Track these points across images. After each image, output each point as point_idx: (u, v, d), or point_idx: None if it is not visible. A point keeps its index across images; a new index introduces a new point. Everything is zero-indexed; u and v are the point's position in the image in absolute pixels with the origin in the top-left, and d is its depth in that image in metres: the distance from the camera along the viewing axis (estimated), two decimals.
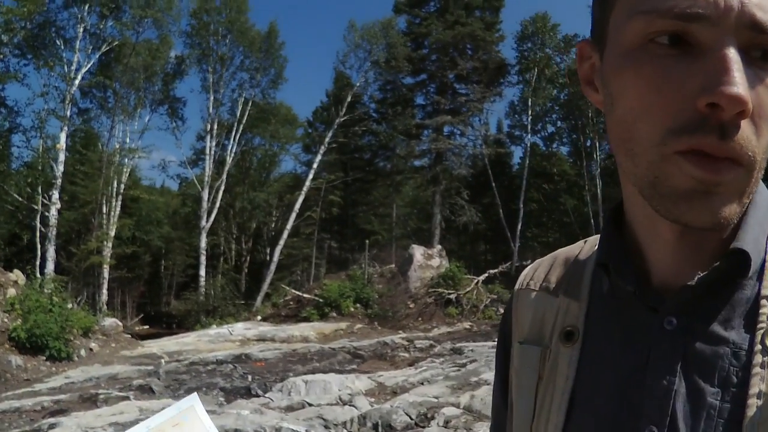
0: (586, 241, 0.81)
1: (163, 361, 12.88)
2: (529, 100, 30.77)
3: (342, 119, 30.64)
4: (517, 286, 0.83)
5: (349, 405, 8.17)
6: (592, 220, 28.36)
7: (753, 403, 0.55)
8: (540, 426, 0.70)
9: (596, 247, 0.74)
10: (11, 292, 12.74)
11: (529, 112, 31.19)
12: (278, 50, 32.43)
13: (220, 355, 13.07)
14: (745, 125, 0.51)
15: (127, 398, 9.06)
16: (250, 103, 31.79)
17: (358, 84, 31.50)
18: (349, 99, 30.61)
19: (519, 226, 29.56)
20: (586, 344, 0.69)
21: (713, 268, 0.58)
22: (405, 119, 31.52)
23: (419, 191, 35.27)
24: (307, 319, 19.29)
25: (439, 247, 23.76)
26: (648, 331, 0.62)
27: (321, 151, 30.91)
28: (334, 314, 19.58)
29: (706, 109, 0.50)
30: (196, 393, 0.95)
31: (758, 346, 0.57)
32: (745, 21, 0.50)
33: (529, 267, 0.85)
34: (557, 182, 32.87)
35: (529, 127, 31.78)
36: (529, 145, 32.18)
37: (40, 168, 23.96)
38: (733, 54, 0.50)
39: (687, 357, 0.59)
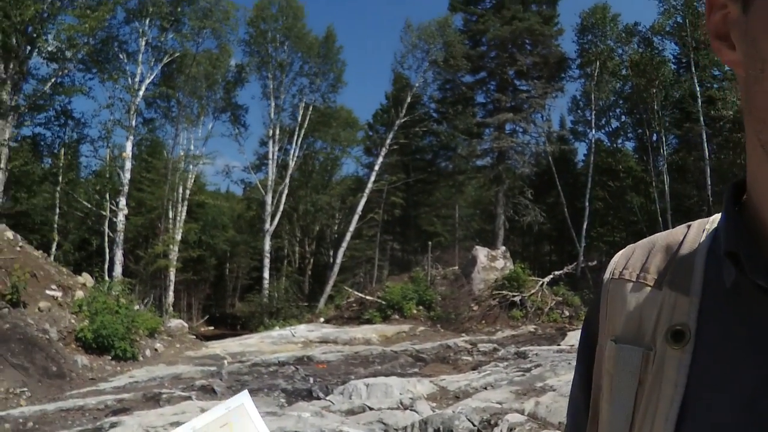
0: (689, 226, 0.68)
1: (225, 362, 13.00)
2: (592, 94, 29.88)
3: (402, 120, 30.52)
4: (607, 275, 0.71)
5: (411, 410, 7.95)
6: (660, 218, 27.34)
7: None
8: None
9: (705, 231, 0.64)
10: (79, 294, 13.04)
11: (592, 106, 30.28)
12: (336, 54, 32.67)
13: (282, 357, 13.10)
14: None
15: (189, 398, 9.10)
16: (310, 108, 32.06)
17: (417, 84, 31.33)
18: (408, 100, 30.47)
19: (584, 226, 28.73)
20: (699, 346, 0.58)
21: None
22: (466, 118, 31.10)
23: (482, 191, 34.77)
24: (369, 321, 19.26)
25: (503, 248, 23.34)
26: None
27: (382, 153, 30.87)
28: (397, 316, 19.47)
29: None
30: (246, 390, 0.84)
31: None
32: None
33: (620, 254, 0.72)
34: (623, 179, 31.81)
35: (593, 122, 30.84)
36: (593, 141, 31.21)
37: (107, 176, 24.90)
38: None
39: None
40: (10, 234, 13.12)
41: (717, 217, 0.64)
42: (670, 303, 0.62)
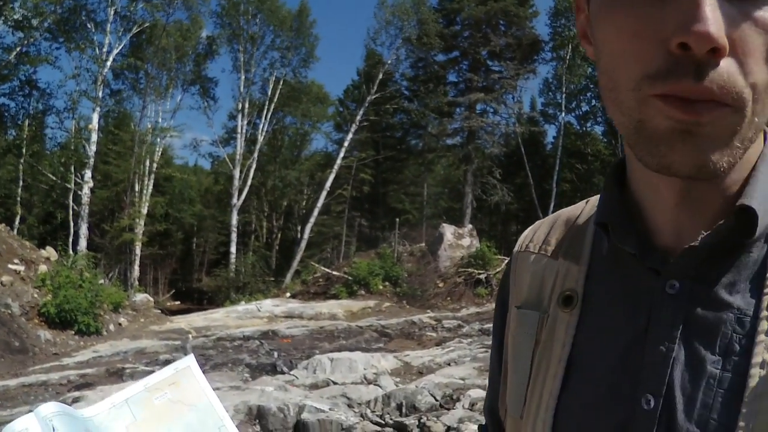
0: (587, 202, 0.77)
1: (190, 336, 12.98)
2: (564, 77, 30.12)
3: (373, 97, 30.41)
4: (516, 248, 0.80)
5: (374, 384, 8.09)
6: None
7: (756, 373, 0.53)
8: (535, 391, 0.68)
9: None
10: (42, 268, 12.90)
11: (563, 90, 30.56)
12: (309, 29, 32.38)
13: (248, 332, 13.13)
14: (726, 63, 0.48)
15: (152, 372, 9.08)
16: (281, 82, 31.76)
17: (389, 61, 31.19)
18: (380, 77, 30.33)
19: (551, 207, 29.09)
20: (585, 309, 0.66)
21: (717, 227, 0.55)
22: (437, 97, 31.13)
23: (451, 170, 34.95)
24: (335, 297, 19.30)
25: (470, 226, 23.54)
26: (649, 295, 0.59)
27: (352, 130, 30.77)
28: (363, 292, 19.55)
29: (678, 51, 0.47)
30: (192, 354, 0.91)
31: (764, 312, 0.54)
32: None
33: (529, 228, 0.81)
34: (591, 162, 32.27)
35: (563, 105, 31.15)
36: (563, 123, 31.57)
37: (73, 148, 24.43)
38: None
39: (688, 323, 0.56)
40: None
41: None
42: (563, 271, 0.70)
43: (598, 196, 0.71)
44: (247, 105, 31.41)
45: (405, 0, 29.93)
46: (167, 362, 8.88)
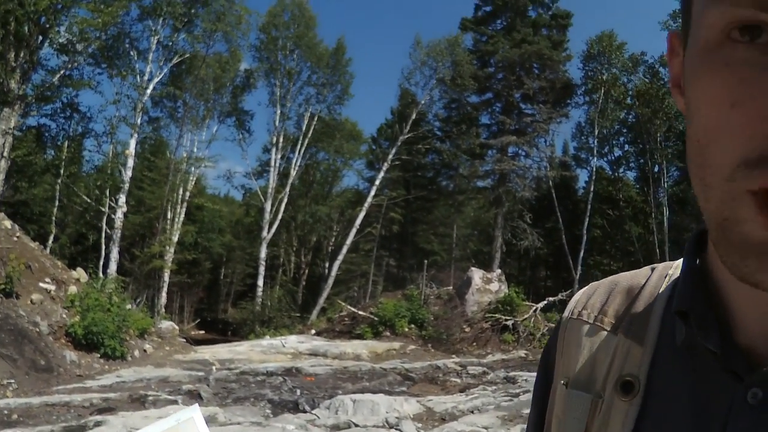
0: (653, 269, 0.66)
1: (214, 368, 12.94)
2: (596, 121, 30.01)
3: (406, 136, 30.57)
4: (566, 314, 0.69)
5: (396, 429, 7.92)
6: (658, 250, 27.38)
7: None
8: None
9: (667, 278, 0.62)
10: (72, 289, 13.00)
11: (596, 134, 30.42)
12: (345, 66, 32.77)
13: (271, 367, 13.04)
14: None
15: (175, 402, 9.05)
16: (315, 118, 32.10)
17: (423, 101, 31.42)
18: (413, 116, 30.54)
19: (581, 253, 28.75)
20: (647, 400, 0.56)
21: None
22: (469, 138, 31.22)
23: (481, 212, 34.83)
24: (360, 337, 19.21)
25: (499, 271, 23.30)
26: (726, 401, 0.51)
27: (384, 168, 30.89)
28: (388, 333, 19.41)
29: None
30: (197, 405, 0.88)
31: None
32: None
33: (581, 291, 0.70)
34: (623, 208, 31.89)
35: (596, 150, 30.97)
36: (594, 168, 31.32)
37: (109, 172, 24.88)
38: None
39: None
40: (8, 223, 13.08)
41: (680, 262, 0.62)
42: (624, 351, 0.60)
43: (667, 264, 0.63)
44: (281, 139, 31.78)
45: (440, 41, 30.29)
46: (189, 392, 8.84)
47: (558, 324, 0.71)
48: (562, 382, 0.65)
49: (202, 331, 32.34)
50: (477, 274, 21.51)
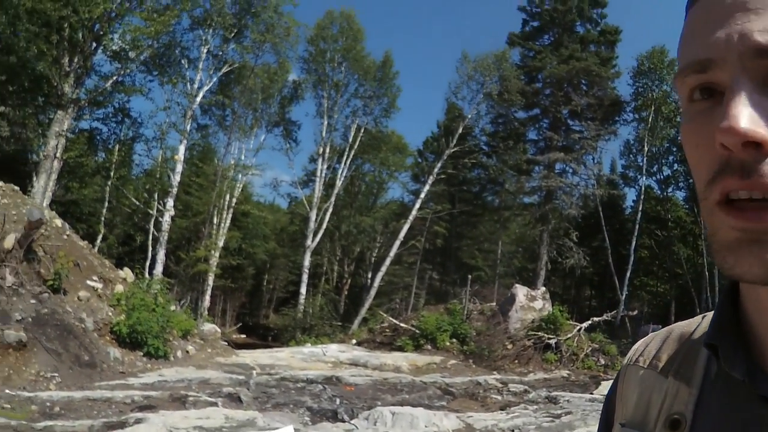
0: (704, 317, 0.72)
1: (254, 372, 12.99)
2: (645, 139, 29.36)
3: (452, 150, 30.42)
4: (626, 361, 0.76)
5: None
6: (707, 273, 26.59)
7: None
8: None
9: None
10: (119, 288, 13.20)
11: (645, 152, 29.74)
12: (392, 79, 32.83)
13: (311, 375, 13.03)
14: None
15: (215, 404, 9.07)
16: (362, 130, 32.20)
17: (469, 116, 31.20)
18: (460, 130, 30.36)
19: (628, 274, 28.08)
20: None
21: None
22: (516, 154, 30.86)
23: (526, 229, 34.32)
24: (401, 349, 19.11)
25: (543, 288, 22.93)
26: (759, 427, 0.55)
27: (429, 181, 30.78)
28: (429, 347, 19.27)
29: (725, 152, 0.48)
30: (292, 426, 0.75)
31: None
32: (749, 51, 0.48)
33: (641, 341, 0.77)
34: (671, 229, 31.09)
35: (644, 168, 30.25)
36: (643, 187, 30.59)
37: (158, 176, 25.42)
38: (736, 87, 0.48)
39: None
40: (58, 222, 13.38)
41: None
42: (673, 392, 0.65)
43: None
44: (328, 149, 31.96)
45: (488, 56, 30.10)
46: (230, 395, 8.82)
47: (619, 371, 0.76)
48: (620, 423, 0.70)
49: (244, 336, 32.68)
50: (521, 291, 21.23)
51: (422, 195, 30.94)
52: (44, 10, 18.50)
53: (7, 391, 8.03)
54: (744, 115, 0.46)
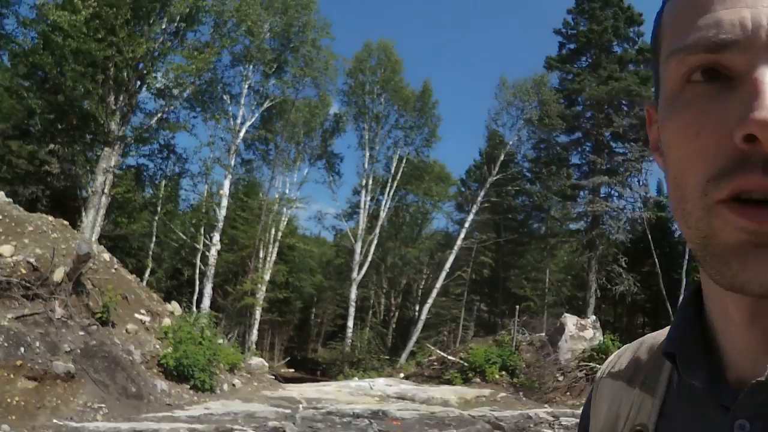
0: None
1: (301, 406, 12.90)
2: None
3: (495, 178, 30.25)
4: (598, 375, 0.75)
5: None
6: None
7: None
8: None
9: None
10: (166, 321, 13.33)
11: None
12: (432, 109, 33.04)
13: (358, 409, 12.87)
14: None
15: None
16: (404, 161, 32.36)
17: (510, 142, 31.09)
18: (501, 157, 30.24)
19: (680, 299, 27.20)
20: None
21: None
22: (560, 179, 30.45)
23: (574, 256, 33.65)
24: (449, 382, 18.87)
25: (593, 317, 22.38)
26: None
27: (473, 210, 30.60)
28: (478, 380, 18.96)
29: (745, 145, 0.43)
30: None
31: None
32: None
33: (615, 353, 0.76)
34: None
35: None
36: None
37: (204, 211, 25.91)
38: (758, 77, 0.43)
39: None
40: (107, 256, 13.64)
41: None
42: (638, 403, 0.64)
43: None
44: (370, 181, 32.16)
45: (526, 81, 30.10)
46: (275, 429, 8.72)
47: (593, 385, 0.75)
48: None
49: (292, 370, 32.61)
50: (570, 321, 20.77)
51: (467, 224, 30.76)
52: (89, 51, 19.22)
53: (54, 421, 8.12)
54: None
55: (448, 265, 30.20)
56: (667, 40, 0.51)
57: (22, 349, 8.88)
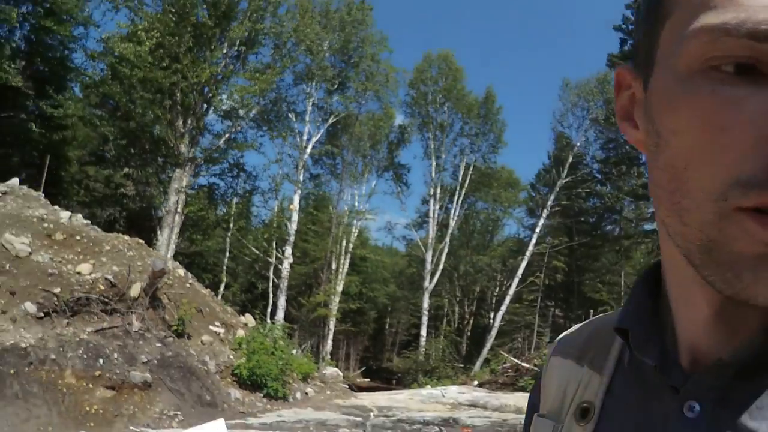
0: None
1: (371, 414, 13.02)
2: None
3: (564, 181, 29.78)
4: (549, 352, 0.74)
5: None
6: None
7: None
8: None
9: None
10: (240, 333, 13.82)
11: None
12: (496, 115, 32.90)
13: (429, 416, 12.90)
14: None
15: None
16: (471, 168, 32.26)
17: (578, 143, 30.61)
18: (570, 159, 29.78)
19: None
20: (599, 424, 0.59)
21: (750, 342, 0.48)
22: (631, 179, 29.73)
23: (650, 257, 32.64)
24: (524, 389, 18.63)
25: None
26: (666, 416, 0.51)
27: (544, 215, 30.20)
28: None
29: None
30: (222, 419, 0.89)
31: None
32: None
33: (565, 332, 0.75)
34: None
35: None
36: None
37: (275, 226, 26.61)
38: None
39: None
40: (181, 271, 14.31)
41: None
42: (586, 380, 0.63)
43: None
44: (438, 190, 32.23)
45: (589, 80, 29.69)
46: None
47: (543, 365, 0.74)
48: (538, 414, 0.69)
49: (368, 379, 32.82)
50: None
51: (538, 229, 30.43)
52: (155, 78, 20.18)
53: (131, 427, 8.62)
54: None
55: (520, 271, 29.91)
56: (687, 4, 0.43)
57: (101, 361, 9.48)
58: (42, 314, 9.75)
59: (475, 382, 21.31)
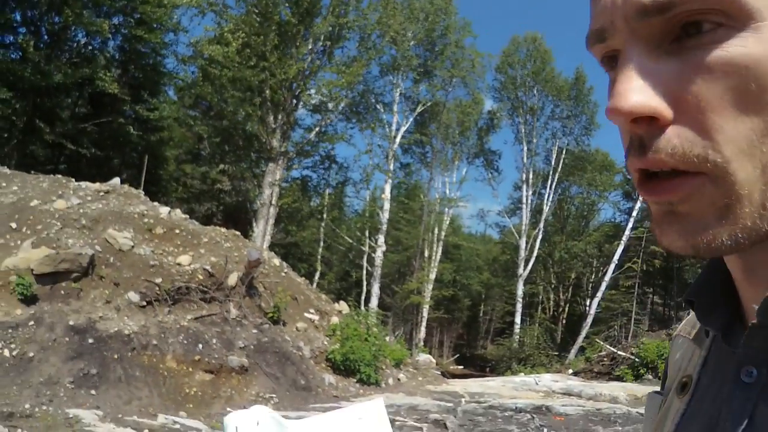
0: None
1: (463, 400, 13.07)
2: None
3: None
4: (674, 333, 0.74)
5: None
6: None
7: None
8: None
9: None
10: (334, 320, 14.20)
11: None
12: (587, 96, 32.05)
13: (521, 403, 12.82)
14: (675, 128, 0.43)
15: (420, 429, 9.31)
16: (564, 152, 31.54)
17: None
18: None
19: None
20: (694, 397, 0.59)
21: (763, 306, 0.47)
22: None
23: None
24: (619, 379, 18.24)
25: None
26: (729, 382, 0.51)
27: (640, 198, 29.07)
28: (650, 376, 18.12)
29: (626, 128, 0.45)
30: (382, 398, 1.01)
31: None
32: (633, 13, 0.43)
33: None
34: None
35: None
36: None
37: (368, 215, 26.99)
38: (626, 57, 0.44)
39: (754, 421, 0.48)
40: (277, 261, 14.86)
41: None
42: (688, 355, 0.64)
43: None
44: (531, 175, 31.72)
45: None
46: (435, 422, 9.05)
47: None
48: (651, 392, 0.71)
49: (461, 367, 32.94)
50: None
51: (634, 213, 29.48)
52: (244, 77, 20.86)
53: (228, 409, 9.07)
54: (633, 90, 0.43)
55: (616, 256, 29.09)
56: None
57: (200, 346, 10.04)
58: (144, 303, 10.40)
59: (570, 371, 21.02)
